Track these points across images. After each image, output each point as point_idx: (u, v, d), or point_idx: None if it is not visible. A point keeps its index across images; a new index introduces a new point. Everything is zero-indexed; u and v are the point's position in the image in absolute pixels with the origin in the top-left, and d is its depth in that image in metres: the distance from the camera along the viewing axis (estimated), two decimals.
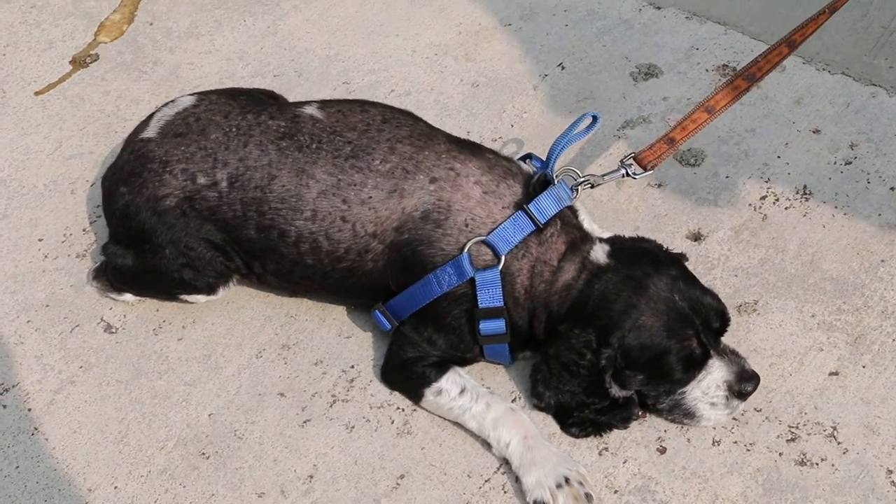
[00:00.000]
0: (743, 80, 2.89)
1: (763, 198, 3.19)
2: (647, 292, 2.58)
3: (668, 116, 3.39)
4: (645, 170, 2.87)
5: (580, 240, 2.72)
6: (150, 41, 3.85)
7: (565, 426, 2.73)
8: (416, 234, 2.70)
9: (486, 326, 2.69)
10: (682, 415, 2.68)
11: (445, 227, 2.69)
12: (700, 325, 2.58)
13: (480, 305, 2.67)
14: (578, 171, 2.83)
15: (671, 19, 3.73)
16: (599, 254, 2.68)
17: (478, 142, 3.07)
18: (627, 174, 2.86)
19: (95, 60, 3.79)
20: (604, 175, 2.85)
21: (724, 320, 2.64)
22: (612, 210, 3.17)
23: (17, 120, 3.59)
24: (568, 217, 2.78)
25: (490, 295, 2.67)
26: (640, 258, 2.67)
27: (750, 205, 3.17)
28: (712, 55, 3.60)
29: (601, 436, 2.71)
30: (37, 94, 3.68)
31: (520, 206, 2.70)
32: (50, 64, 3.79)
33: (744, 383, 2.62)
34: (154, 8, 3.96)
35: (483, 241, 2.67)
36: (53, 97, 3.67)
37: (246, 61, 3.75)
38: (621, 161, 2.87)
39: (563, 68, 3.62)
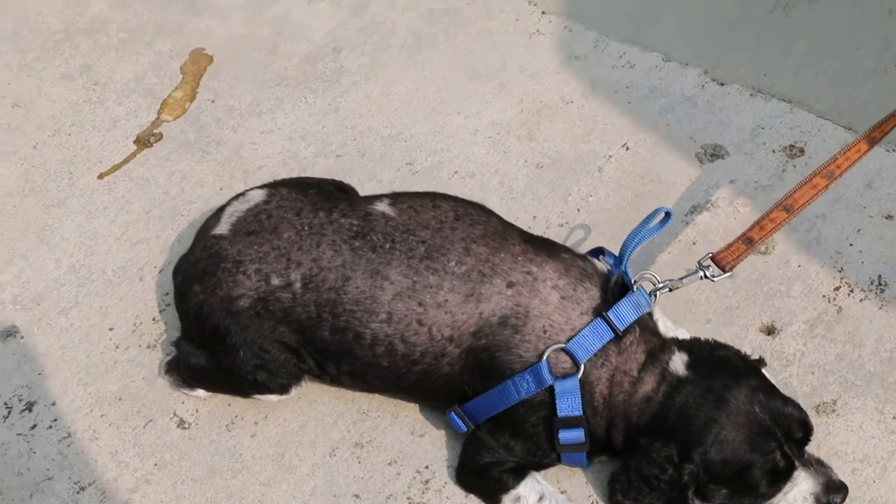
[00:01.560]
0: (822, 177, 2.86)
1: (837, 288, 3.16)
2: (728, 406, 2.56)
3: (737, 200, 3.37)
4: (724, 271, 2.84)
5: (659, 349, 2.70)
6: (213, 119, 3.86)
7: None
8: (494, 339, 2.69)
9: (566, 436, 2.68)
10: None
11: (524, 333, 2.68)
12: (783, 436, 2.56)
13: (560, 415, 2.66)
14: (656, 276, 2.82)
15: (735, 96, 3.71)
16: (678, 365, 2.66)
17: (545, 227, 3.08)
18: (706, 276, 2.84)
19: (159, 140, 3.81)
20: (682, 278, 2.84)
21: (806, 430, 2.62)
22: (684, 301, 3.15)
23: (84, 203, 3.61)
24: (646, 322, 2.76)
25: (569, 404, 2.65)
26: (719, 369, 2.65)
27: (824, 296, 3.14)
28: (778, 134, 3.57)
29: None
30: (102, 176, 3.68)
31: (598, 312, 2.68)
32: (115, 144, 3.81)
33: (832, 494, 2.60)
34: (215, 85, 3.97)
35: (562, 349, 2.66)
36: (119, 178, 3.69)
37: (308, 140, 3.76)
38: (699, 262, 2.86)
39: (627, 148, 3.60)
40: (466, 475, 2.84)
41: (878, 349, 3.02)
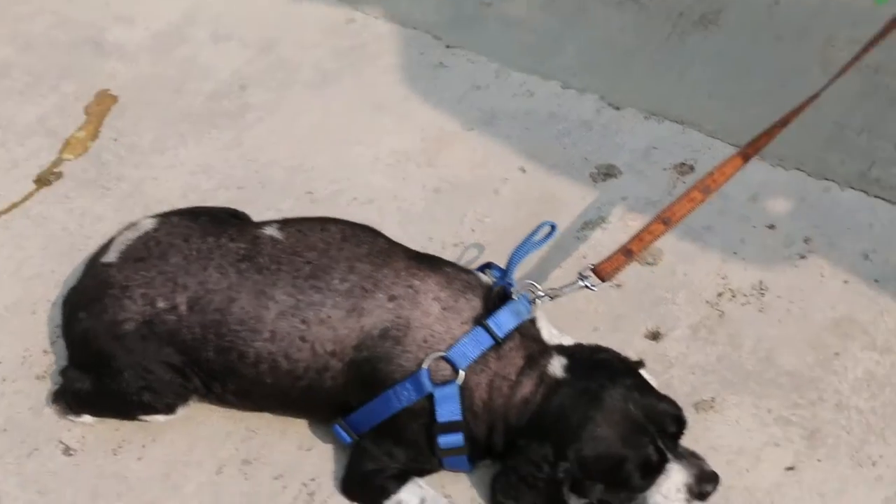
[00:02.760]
0: (699, 191, 3.00)
1: (720, 294, 3.29)
2: (602, 404, 2.67)
3: (627, 216, 3.50)
4: (602, 281, 2.96)
5: (538, 353, 2.82)
6: (115, 157, 3.93)
7: None
8: (376, 351, 2.79)
9: (445, 440, 2.78)
10: None
11: (404, 344, 2.78)
12: (656, 431, 2.67)
13: (439, 420, 2.76)
14: (537, 285, 2.93)
15: (630, 119, 3.85)
16: (556, 368, 2.77)
17: (439, 248, 3.20)
18: (585, 286, 2.96)
19: (59, 178, 3.86)
20: (562, 287, 2.95)
21: (680, 424, 2.73)
22: (572, 311, 3.26)
23: None
24: (527, 329, 2.87)
25: (449, 410, 2.76)
26: (596, 370, 2.77)
27: (707, 301, 3.27)
28: (670, 154, 3.72)
29: None
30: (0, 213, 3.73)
31: (479, 321, 2.80)
32: (14, 184, 3.85)
33: (703, 484, 2.69)
34: (119, 124, 4.05)
35: (442, 357, 2.76)
36: (16, 217, 3.74)
37: (210, 174, 3.84)
38: (580, 273, 2.97)
39: (523, 171, 3.73)
40: (350, 484, 2.93)
41: (756, 349, 3.14)
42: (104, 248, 3.09)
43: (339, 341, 2.80)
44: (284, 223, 3.03)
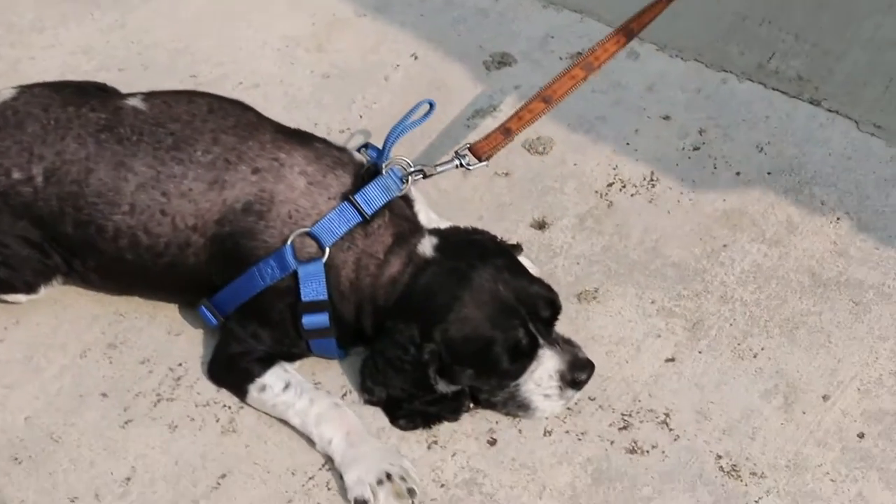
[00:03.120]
0: (580, 69, 2.92)
1: (610, 185, 3.22)
2: (471, 284, 2.59)
3: (519, 105, 3.38)
4: (479, 160, 2.88)
5: (409, 232, 2.73)
6: None
7: (394, 419, 2.72)
8: (238, 226, 2.69)
9: (310, 321, 2.68)
10: (516, 407, 2.69)
11: (268, 219, 2.68)
12: (527, 314, 2.59)
13: (303, 299, 2.67)
14: (409, 161, 2.83)
15: (527, 7, 3.75)
16: (426, 247, 2.69)
17: (325, 134, 3.08)
18: (462, 165, 2.88)
19: None
20: (436, 165, 2.87)
21: (554, 308, 2.66)
22: (457, 200, 3.18)
23: None
24: (399, 208, 2.78)
25: (313, 289, 2.66)
26: (467, 250, 2.69)
27: (596, 192, 3.20)
28: (567, 43, 3.62)
29: (430, 428, 2.71)
30: None
31: (346, 196, 2.69)
32: None
33: (577, 372, 2.64)
34: None
35: (307, 233, 2.66)
36: None
37: (91, 56, 3.70)
38: (456, 152, 2.89)
39: (416, 58, 3.63)
40: (216, 367, 2.83)
41: (644, 239, 3.08)
42: None
43: (201, 215, 2.69)
44: (150, 95, 2.90)
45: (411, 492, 2.57)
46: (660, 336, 2.87)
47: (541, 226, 3.13)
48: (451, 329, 2.58)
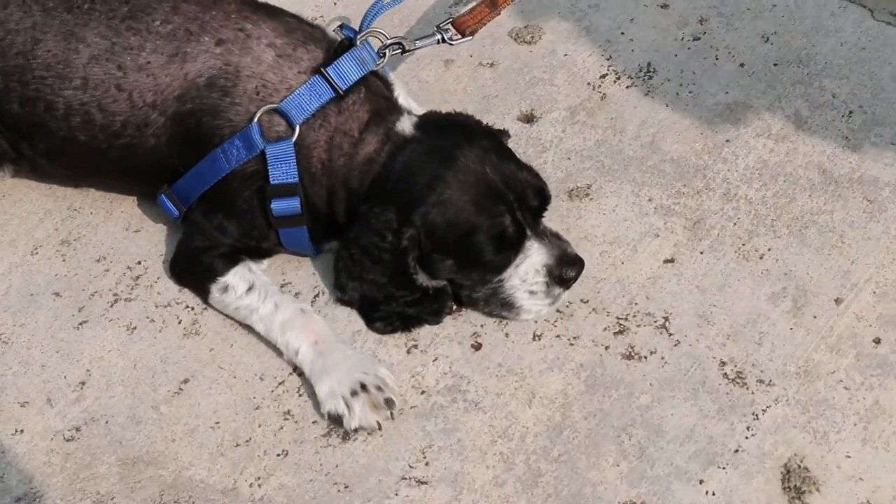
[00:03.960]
0: None
1: (603, 76, 3.00)
2: (455, 164, 2.39)
3: None
4: (463, 36, 2.68)
5: (386, 110, 2.52)
6: None
7: (370, 321, 2.53)
8: (201, 103, 2.48)
9: (279, 206, 2.47)
10: (499, 306, 2.50)
11: (233, 95, 2.47)
12: (515, 201, 2.40)
13: (272, 182, 2.45)
14: (386, 34, 2.62)
15: None
16: (406, 125, 2.48)
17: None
18: (444, 40, 2.69)
19: None
20: (416, 40, 2.66)
21: (543, 198, 2.47)
22: (439, 91, 2.97)
23: None
24: (376, 87, 2.57)
25: (283, 171, 2.45)
26: (450, 130, 2.49)
27: (588, 83, 2.99)
28: None
29: (410, 331, 2.52)
30: None
31: (318, 70, 2.47)
32: None
33: (565, 268, 2.45)
34: None
35: (275, 110, 2.45)
36: None
37: None
38: (438, 26, 2.70)
39: None
40: (178, 264, 2.62)
41: (640, 134, 2.87)
42: None
43: (160, 91, 2.48)
44: None
45: (389, 402, 2.39)
46: (658, 235, 2.68)
47: (529, 119, 2.92)
48: (432, 212, 2.38)
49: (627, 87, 2.97)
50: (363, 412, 2.36)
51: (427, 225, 2.38)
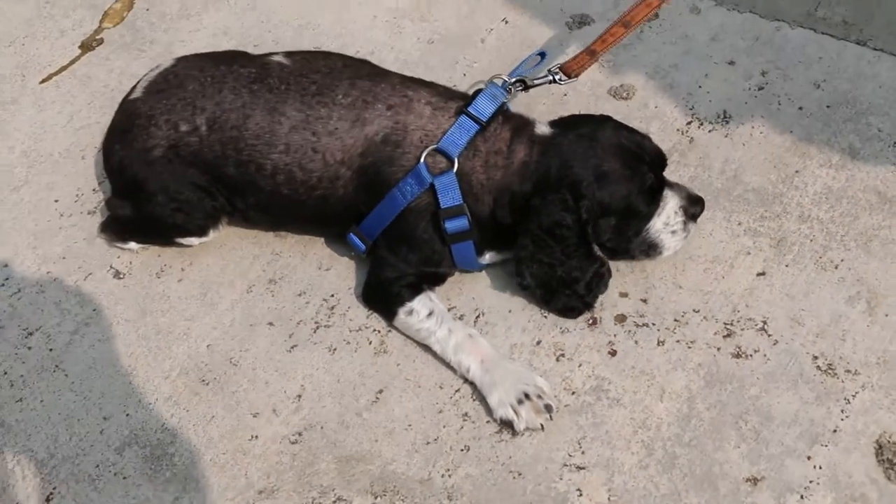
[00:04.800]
0: None
1: (689, 123, 2.83)
2: (599, 143, 2.28)
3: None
4: (569, 77, 2.57)
5: (523, 124, 2.40)
6: (147, 24, 3.43)
7: (551, 306, 2.40)
8: (379, 156, 2.37)
9: (452, 225, 2.34)
10: (647, 248, 2.39)
11: (403, 146, 2.36)
12: (649, 161, 2.30)
13: (442, 206, 2.33)
14: (505, 76, 2.53)
15: None
16: (544, 128, 2.37)
17: None
18: (554, 80, 2.57)
19: (101, 44, 3.37)
20: (534, 78, 2.55)
21: (662, 157, 2.37)
22: None
23: (34, 99, 3.19)
24: (510, 114, 2.45)
25: (450, 197, 2.33)
26: (580, 121, 2.39)
27: (678, 130, 2.81)
28: None
29: (590, 307, 2.39)
30: (50, 76, 3.28)
31: (461, 111, 2.37)
32: (62, 50, 3.36)
33: (694, 206, 2.37)
34: None
35: (436, 150, 2.34)
36: (65, 78, 3.26)
37: (230, 36, 3.34)
38: (549, 70, 2.57)
39: (506, 22, 3.23)
40: (370, 291, 2.50)
41: (724, 169, 2.70)
42: (132, 89, 2.64)
43: (347, 150, 2.38)
44: (290, 53, 2.58)
45: (548, 407, 2.25)
46: (749, 253, 2.50)
47: None
48: (597, 184, 2.26)
49: (709, 132, 2.79)
50: (529, 416, 2.23)
51: (596, 195, 2.26)
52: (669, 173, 2.63)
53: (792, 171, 2.67)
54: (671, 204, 2.35)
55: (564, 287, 2.34)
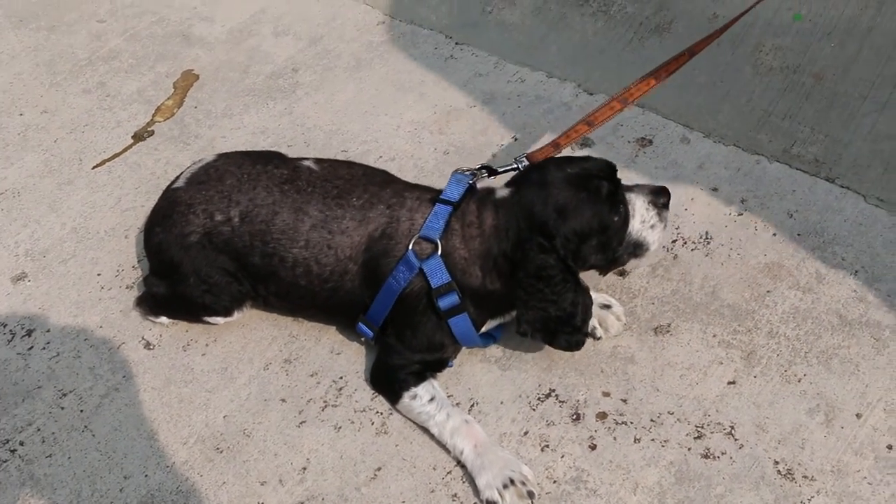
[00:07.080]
0: (618, 102, 2.66)
1: (674, 241, 2.90)
2: (549, 182, 2.32)
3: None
4: None
5: (486, 194, 2.46)
6: (194, 120, 3.56)
7: (554, 342, 2.40)
8: (377, 249, 2.45)
9: (444, 301, 2.39)
10: (634, 250, 2.43)
11: (396, 237, 2.44)
12: (599, 175, 2.34)
13: (433, 286, 2.38)
14: (475, 167, 2.60)
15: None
16: (503, 192, 2.42)
17: None
18: (518, 168, 2.59)
19: (151, 135, 3.50)
20: (500, 167, 2.60)
21: (612, 167, 2.40)
22: None
23: (88, 181, 3.31)
24: (478, 193, 2.50)
25: (439, 277, 2.38)
26: (527, 173, 2.45)
27: (664, 247, 2.89)
28: (633, 130, 3.32)
29: (592, 335, 2.51)
30: (104, 162, 3.40)
31: (435, 199, 2.46)
32: (117, 139, 3.50)
33: (660, 196, 2.39)
34: (199, 95, 3.68)
35: (421, 237, 2.40)
36: (117, 164, 3.39)
37: (267, 135, 3.46)
38: (515, 158, 2.61)
39: (515, 139, 3.34)
40: (377, 375, 2.55)
41: (704, 286, 2.77)
42: (175, 179, 2.76)
43: (354, 246, 2.46)
44: (319, 160, 2.69)
45: (531, 494, 2.29)
46: (721, 363, 2.56)
47: (622, 273, 2.82)
48: (560, 219, 2.29)
49: (692, 250, 2.87)
50: (512, 500, 2.27)
51: (564, 227, 2.30)
52: (654, 286, 2.70)
53: (764, 291, 2.73)
54: (639, 203, 2.38)
55: (563, 325, 2.36)
